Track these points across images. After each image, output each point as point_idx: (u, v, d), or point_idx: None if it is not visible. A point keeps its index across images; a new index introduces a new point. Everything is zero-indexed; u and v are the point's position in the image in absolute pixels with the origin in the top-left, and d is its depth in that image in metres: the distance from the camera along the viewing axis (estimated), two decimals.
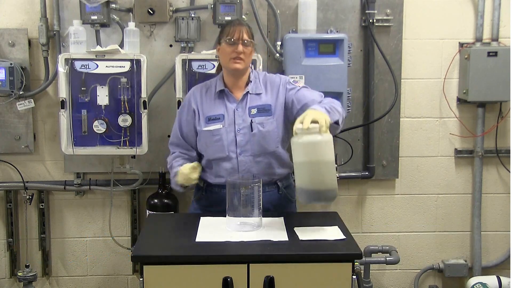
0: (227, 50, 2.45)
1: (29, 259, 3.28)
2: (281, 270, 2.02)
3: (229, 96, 2.53)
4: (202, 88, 2.60)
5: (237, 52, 2.43)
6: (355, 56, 3.20)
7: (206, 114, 2.52)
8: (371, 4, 3.13)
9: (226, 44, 2.45)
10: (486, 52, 3.14)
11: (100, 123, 3.00)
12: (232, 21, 2.55)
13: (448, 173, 3.39)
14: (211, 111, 2.52)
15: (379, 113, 3.21)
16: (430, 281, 3.49)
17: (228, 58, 2.46)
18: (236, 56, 2.44)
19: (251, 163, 2.48)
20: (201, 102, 2.55)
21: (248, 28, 2.50)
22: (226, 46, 2.45)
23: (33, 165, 3.24)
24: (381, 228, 3.42)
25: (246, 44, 2.45)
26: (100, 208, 3.31)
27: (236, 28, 2.45)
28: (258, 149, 2.48)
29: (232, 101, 2.52)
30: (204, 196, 2.60)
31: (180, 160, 2.57)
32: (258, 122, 2.47)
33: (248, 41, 2.46)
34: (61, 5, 3.07)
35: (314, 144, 2.13)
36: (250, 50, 2.48)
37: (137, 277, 3.37)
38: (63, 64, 2.92)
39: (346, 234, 2.20)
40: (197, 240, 2.15)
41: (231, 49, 2.44)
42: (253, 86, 2.54)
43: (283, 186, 2.59)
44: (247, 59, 2.48)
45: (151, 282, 2.01)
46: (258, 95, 2.53)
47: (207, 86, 2.59)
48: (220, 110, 2.51)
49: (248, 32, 2.49)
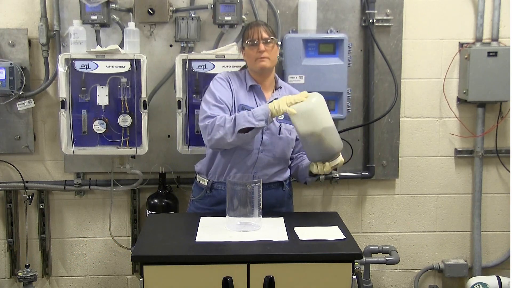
0: (250, 52, 2.51)
1: (29, 259, 3.28)
2: (281, 270, 2.03)
3: (260, 93, 2.57)
4: (234, 75, 2.60)
5: (260, 51, 2.48)
6: (355, 56, 3.20)
7: (240, 102, 2.52)
8: (371, 4, 3.13)
9: (248, 47, 2.51)
10: (486, 52, 3.14)
11: (100, 123, 3.00)
12: (250, 23, 2.61)
13: (448, 173, 3.39)
14: (245, 100, 2.53)
15: (379, 113, 3.21)
16: (430, 281, 3.49)
17: (253, 59, 2.51)
18: (260, 56, 2.49)
19: (268, 164, 2.53)
20: (237, 87, 2.56)
21: (266, 27, 2.55)
22: (249, 49, 2.51)
23: (33, 165, 3.24)
24: (381, 228, 3.42)
25: (267, 42, 2.49)
26: (100, 208, 3.31)
27: (254, 29, 2.51)
28: (280, 153, 2.55)
29: (261, 99, 2.56)
30: (208, 195, 2.60)
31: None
32: (286, 128, 2.55)
33: (268, 38, 2.50)
34: (61, 5, 3.07)
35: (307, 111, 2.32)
36: (272, 46, 2.52)
37: (137, 277, 3.37)
38: (63, 64, 2.92)
39: (346, 234, 2.20)
40: (197, 240, 2.15)
41: (254, 51, 2.50)
42: (282, 91, 2.60)
43: (286, 183, 2.66)
44: (272, 56, 2.52)
45: (151, 282, 2.02)
46: None
47: (237, 75, 2.61)
48: (252, 103, 2.53)
49: (267, 30, 2.53)
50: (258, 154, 2.52)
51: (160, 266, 2.03)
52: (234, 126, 2.33)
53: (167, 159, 3.16)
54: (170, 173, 3.19)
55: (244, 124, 2.32)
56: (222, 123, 2.36)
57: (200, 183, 2.63)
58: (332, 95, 3.05)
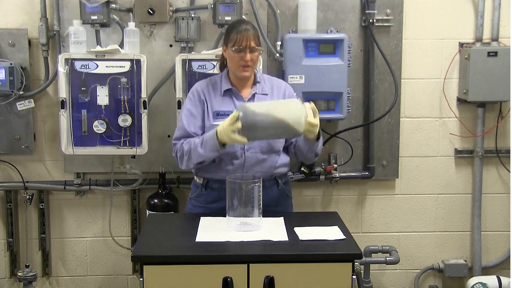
0: (234, 57, 2.48)
1: (29, 259, 3.28)
2: (281, 270, 2.02)
3: (237, 95, 2.55)
4: (208, 83, 2.60)
5: (245, 60, 2.46)
6: (355, 56, 3.20)
7: (214, 109, 2.53)
8: (371, 4, 3.13)
9: (233, 52, 2.47)
10: (486, 52, 3.14)
11: (100, 123, 3.00)
12: (239, 26, 2.50)
13: (448, 173, 3.39)
14: (219, 106, 2.53)
15: (379, 113, 3.21)
16: (430, 281, 3.49)
17: (236, 65, 2.49)
18: (245, 64, 2.47)
19: (257, 160, 2.50)
20: (209, 96, 2.55)
21: (254, 32, 2.51)
22: (234, 54, 2.48)
23: (33, 165, 3.24)
24: (381, 228, 3.42)
25: (253, 50, 2.48)
26: (100, 208, 3.31)
27: (244, 36, 2.46)
28: (266, 147, 2.51)
29: (239, 99, 2.54)
30: (203, 193, 2.60)
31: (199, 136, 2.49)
32: None
33: (255, 47, 2.48)
34: (61, 5, 3.07)
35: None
36: (257, 55, 2.51)
37: (137, 277, 3.37)
38: (63, 64, 2.92)
39: (346, 234, 2.20)
40: (197, 240, 2.15)
41: (239, 57, 2.47)
42: (260, 86, 2.58)
43: (282, 182, 2.62)
44: (254, 65, 2.52)
45: (151, 282, 2.01)
46: (265, 95, 2.57)
47: (212, 82, 2.60)
48: (229, 107, 2.52)
49: (255, 37, 2.49)
50: (245, 154, 2.49)
51: (160, 266, 2.03)
52: (190, 159, 2.46)
53: (167, 159, 3.16)
54: (170, 173, 3.19)
55: (198, 159, 2.45)
56: (181, 155, 2.50)
57: (196, 181, 2.64)
58: (332, 95, 3.05)
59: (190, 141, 2.46)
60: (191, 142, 2.46)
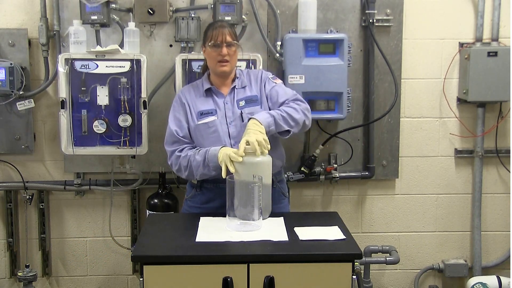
0: (212, 54, 2.54)
1: (29, 259, 3.28)
2: (281, 270, 2.03)
3: (217, 93, 2.60)
4: (190, 88, 2.67)
5: (222, 55, 2.51)
6: (355, 56, 3.20)
7: (198, 109, 2.57)
8: (371, 4, 3.13)
9: (210, 48, 2.53)
10: (486, 52, 3.14)
11: (100, 123, 3.00)
12: (214, 24, 2.61)
13: (448, 173, 3.39)
14: (202, 106, 2.58)
15: (379, 113, 3.21)
16: (430, 281, 3.49)
17: (214, 61, 2.54)
18: (222, 59, 2.52)
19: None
20: (191, 99, 2.61)
21: (230, 29, 2.57)
22: (211, 50, 2.53)
23: (33, 165, 3.24)
24: (381, 228, 3.42)
25: (230, 45, 2.52)
26: (100, 208, 3.31)
27: (219, 31, 2.52)
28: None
29: (220, 97, 2.60)
30: (198, 194, 2.62)
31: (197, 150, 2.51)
32: (248, 112, 2.54)
33: (231, 42, 2.52)
34: (61, 5, 3.07)
35: (249, 164, 2.27)
36: (234, 50, 2.55)
37: (137, 277, 3.37)
38: (63, 64, 2.92)
39: (346, 234, 2.20)
40: (197, 240, 2.15)
41: (216, 53, 2.52)
42: (239, 81, 2.62)
43: (276, 180, 2.64)
44: (232, 60, 2.56)
45: (151, 282, 2.01)
46: (244, 88, 2.62)
47: (194, 86, 2.67)
48: (211, 105, 2.58)
49: (231, 33, 2.55)
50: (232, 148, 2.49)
51: (160, 266, 2.03)
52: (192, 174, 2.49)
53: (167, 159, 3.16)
54: (170, 173, 3.18)
55: (202, 177, 2.49)
56: (178, 169, 2.53)
57: (191, 182, 2.66)
58: (332, 95, 3.05)
59: (188, 157, 2.49)
60: (189, 159, 2.48)
